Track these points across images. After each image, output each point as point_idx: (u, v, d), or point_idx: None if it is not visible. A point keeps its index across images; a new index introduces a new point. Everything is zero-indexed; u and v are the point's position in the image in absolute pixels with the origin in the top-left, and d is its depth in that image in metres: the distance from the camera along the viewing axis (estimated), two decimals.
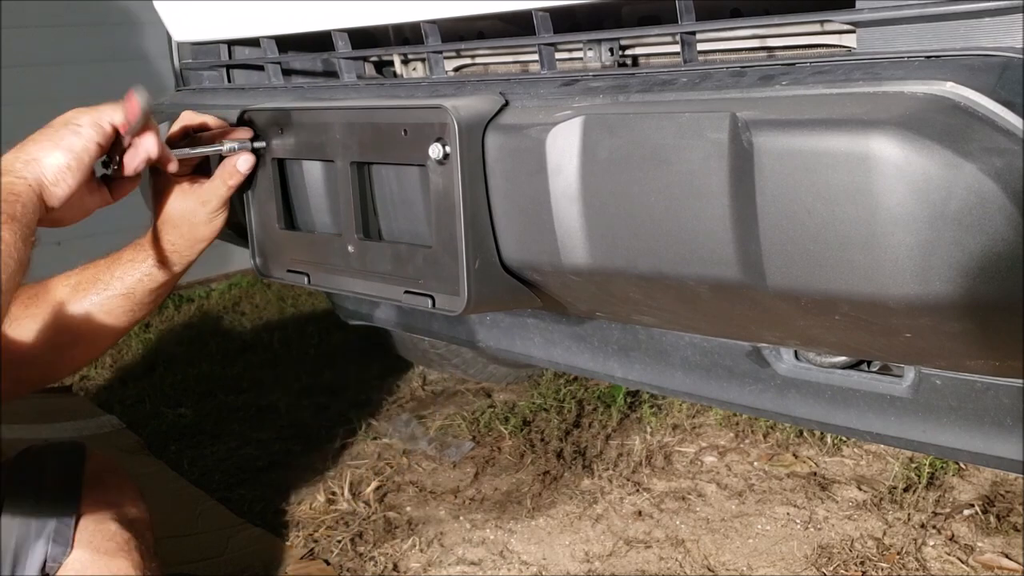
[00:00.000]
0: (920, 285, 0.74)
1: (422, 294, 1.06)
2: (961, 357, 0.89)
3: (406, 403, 2.46)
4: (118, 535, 1.18)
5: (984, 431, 1.05)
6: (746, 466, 2.01)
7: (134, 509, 1.26)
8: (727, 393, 1.26)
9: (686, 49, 0.93)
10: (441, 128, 0.97)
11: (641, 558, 1.71)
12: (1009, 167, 0.70)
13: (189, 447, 2.28)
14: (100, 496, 1.22)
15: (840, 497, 1.85)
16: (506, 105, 0.99)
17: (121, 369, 2.87)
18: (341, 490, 1.98)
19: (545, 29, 1.04)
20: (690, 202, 0.83)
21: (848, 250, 0.76)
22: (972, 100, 0.71)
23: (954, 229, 0.71)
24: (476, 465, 2.10)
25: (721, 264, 0.84)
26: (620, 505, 1.88)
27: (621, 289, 0.97)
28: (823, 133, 0.75)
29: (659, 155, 0.85)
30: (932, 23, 0.78)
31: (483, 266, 1.00)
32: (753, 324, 0.98)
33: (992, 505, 1.76)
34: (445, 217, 1.00)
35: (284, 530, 1.88)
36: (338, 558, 1.76)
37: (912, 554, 1.65)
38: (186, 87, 1.62)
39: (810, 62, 0.84)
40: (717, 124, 0.80)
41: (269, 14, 1.35)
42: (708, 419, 2.21)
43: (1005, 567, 1.60)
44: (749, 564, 1.67)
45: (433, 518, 1.90)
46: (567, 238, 0.94)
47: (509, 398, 2.44)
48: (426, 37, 1.17)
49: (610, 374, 1.40)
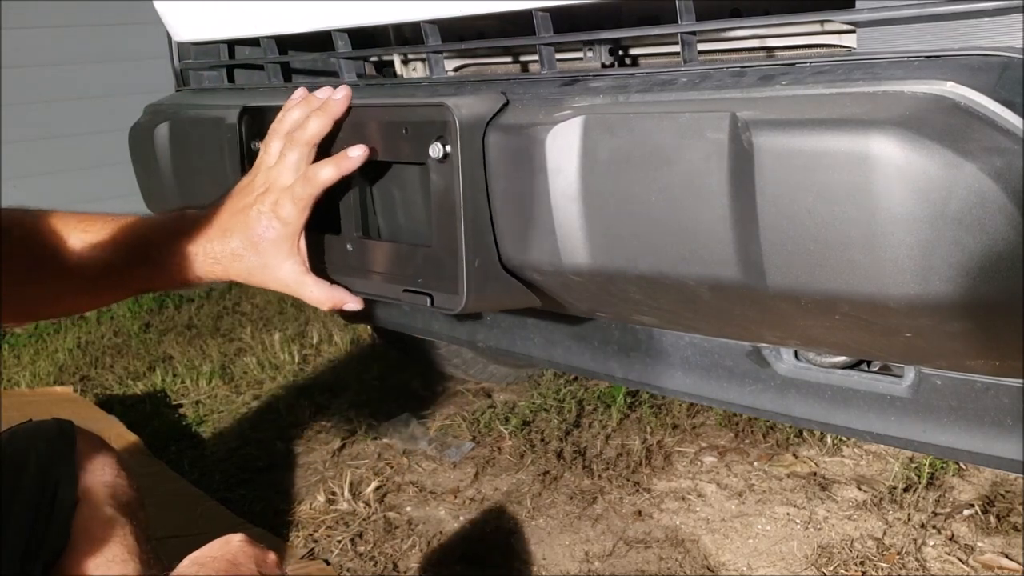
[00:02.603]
0: (920, 285, 0.74)
1: (421, 293, 1.06)
2: (961, 357, 0.89)
3: (406, 403, 2.46)
4: (114, 521, 1.17)
5: (984, 431, 1.05)
6: (746, 466, 2.01)
7: (126, 489, 1.24)
8: (727, 393, 1.26)
9: (686, 49, 0.93)
10: (442, 127, 0.97)
11: (641, 558, 1.71)
12: (1009, 167, 0.70)
13: (189, 447, 2.28)
14: (94, 478, 1.20)
15: (840, 497, 1.85)
16: (507, 104, 0.99)
17: (121, 369, 2.88)
18: (341, 490, 1.98)
19: (545, 29, 1.04)
20: (690, 202, 0.83)
21: (848, 250, 0.76)
22: (972, 100, 0.71)
23: (954, 229, 0.71)
24: (476, 465, 2.10)
25: (721, 264, 0.84)
26: (620, 505, 1.88)
27: (621, 289, 0.97)
28: (823, 133, 0.75)
29: (659, 155, 0.85)
30: (932, 23, 0.78)
31: (483, 265, 1.00)
32: (753, 324, 0.98)
33: (992, 505, 1.76)
34: (445, 216, 1.00)
35: (284, 530, 1.88)
36: (338, 558, 1.76)
37: (912, 554, 1.65)
38: (186, 87, 1.62)
39: (810, 62, 0.84)
40: (717, 124, 0.80)
41: (269, 14, 1.35)
42: (708, 419, 2.21)
43: (1005, 567, 1.60)
44: (749, 564, 1.67)
45: (433, 518, 1.90)
46: (567, 238, 0.94)
47: (509, 398, 2.44)
48: (426, 37, 1.17)
49: (610, 374, 1.40)
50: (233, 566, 0.96)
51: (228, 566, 0.93)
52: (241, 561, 0.97)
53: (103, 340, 3.23)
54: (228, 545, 0.99)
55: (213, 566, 0.93)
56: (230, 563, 0.95)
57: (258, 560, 0.97)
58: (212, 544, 0.98)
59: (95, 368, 2.91)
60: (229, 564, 0.94)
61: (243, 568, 0.93)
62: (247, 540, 1.00)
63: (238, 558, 0.97)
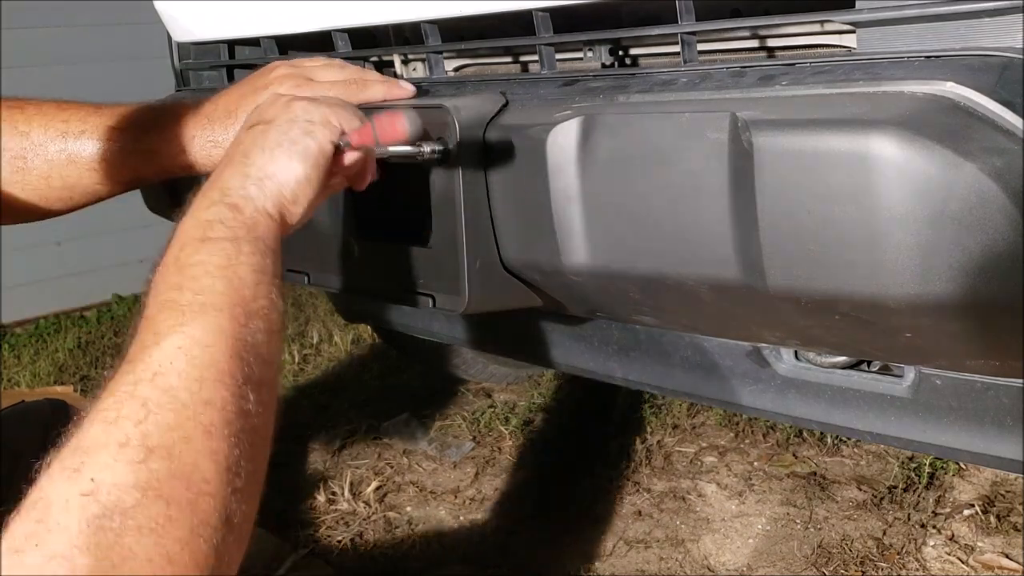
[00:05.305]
0: (920, 285, 0.74)
1: (422, 294, 1.06)
2: (961, 357, 0.89)
3: (406, 403, 2.46)
4: None
5: (984, 431, 1.05)
6: (746, 466, 2.01)
7: None
8: (727, 393, 1.26)
9: (686, 49, 0.93)
10: (441, 128, 0.97)
11: (641, 558, 1.71)
12: (1009, 167, 0.70)
13: None
14: None
15: (840, 497, 1.85)
16: (506, 105, 0.99)
17: None
18: (341, 490, 1.98)
19: (545, 29, 1.04)
20: (690, 202, 0.83)
21: (848, 250, 0.76)
22: (972, 100, 0.71)
23: (954, 229, 0.71)
24: (476, 465, 2.10)
25: (721, 264, 0.84)
26: (620, 505, 1.88)
27: (621, 289, 0.97)
28: (823, 133, 0.75)
29: (659, 155, 0.85)
30: (932, 23, 0.78)
31: (483, 266, 1.00)
32: (753, 324, 0.98)
33: (992, 505, 1.76)
34: (446, 217, 1.00)
35: (284, 530, 1.88)
36: (338, 558, 1.76)
37: (912, 554, 1.65)
38: (186, 87, 1.62)
39: (810, 62, 0.84)
40: (717, 124, 0.80)
41: (269, 14, 1.35)
42: (708, 419, 2.21)
43: (1005, 567, 1.60)
44: (749, 564, 1.67)
45: (433, 518, 1.90)
46: (567, 238, 0.94)
47: (509, 398, 2.44)
48: (426, 37, 1.17)
49: (610, 374, 1.40)
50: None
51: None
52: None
53: (103, 340, 3.23)
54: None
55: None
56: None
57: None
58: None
59: (95, 368, 2.91)
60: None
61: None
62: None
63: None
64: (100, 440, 0.59)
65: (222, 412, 0.63)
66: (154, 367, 0.63)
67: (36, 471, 0.59)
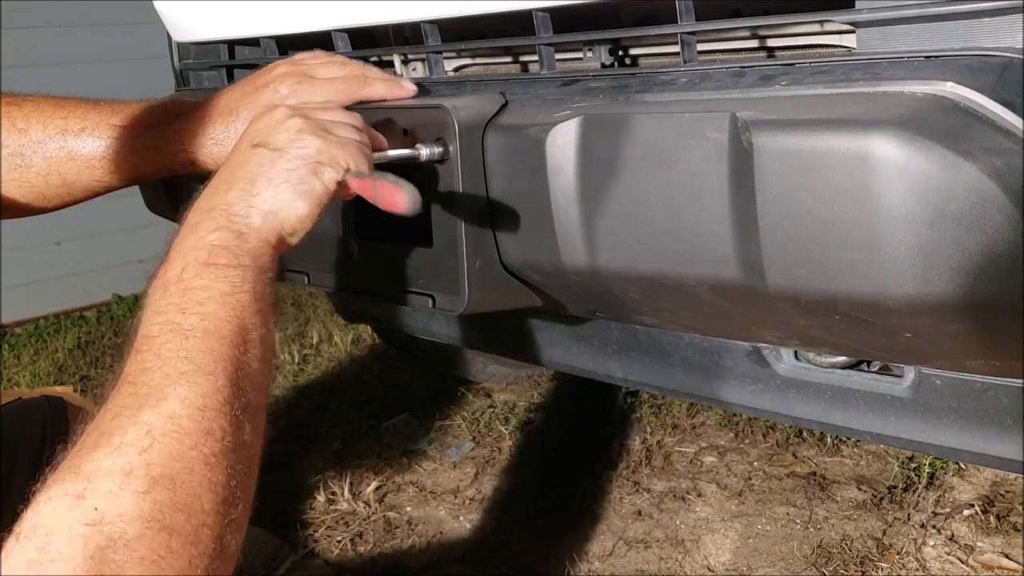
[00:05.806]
0: (920, 285, 0.74)
1: (422, 294, 1.06)
2: (961, 357, 0.89)
3: (406, 403, 2.46)
4: None
5: (984, 431, 1.05)
6: (746, 466, 2.01)
7: None
8: (727, 393, 1.26)
9: (686, 49, 0.93)
10: (441, 128, 0.97)
11: (641, 558, 1.71)
12: (1009, 167, 0.70)
13: None
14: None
15: (840, 497, 1.85)
16: (506, 105, 0.99)
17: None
18: (341, 490, 1.98)
19: (545, 29, 1.04)
20: (690, 202, 0.83)
21: (848, 250, 0.76)
22: (972, 100, 0.71)
23: (954, 229, 0.71)
24: (476, 465, 2.10)
25: (721, 264, 0.84)
26: (620, 505, 1.88)
27: (621, 289, 0.97)
28: (823, 133, 0.75)
29: (659, 155, 0.85)
30: (932, 23, 0.78)
31: (483, 266, 1.00)
32: (753, 324, 0.98)
33: (992, 505, 1.76)
34: (445, 217, 1.00)
35: (284, 530, 1.88)
36: (338, 558, 1.76)
37: (912, 554, 1.65)
38: (186, 87, 1.62)
39: (810, 62, 0.84)
40: (717, 124, 0.80)
41: (269, 14, 1.35)
42: (708, 419, 2.21)
43: (1005, 567, 1.60)
44: (749, 564, 1.67)
45: (433, 518, 1.90)
46: (567, 238, 0.94)
47: (509, 398, 2.44)
48: (426, 37, 1.17)
49: (610, 374, 1.40)
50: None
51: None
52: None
53: (103, 340, 3.23)
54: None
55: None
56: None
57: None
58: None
59: (95, 368, 2.91)
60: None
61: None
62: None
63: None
64: (104, 466, 0.58)
65: (222, 442, 0.64)
66: (157, 392, 0.63)
67: (31, 493, 0.59)
